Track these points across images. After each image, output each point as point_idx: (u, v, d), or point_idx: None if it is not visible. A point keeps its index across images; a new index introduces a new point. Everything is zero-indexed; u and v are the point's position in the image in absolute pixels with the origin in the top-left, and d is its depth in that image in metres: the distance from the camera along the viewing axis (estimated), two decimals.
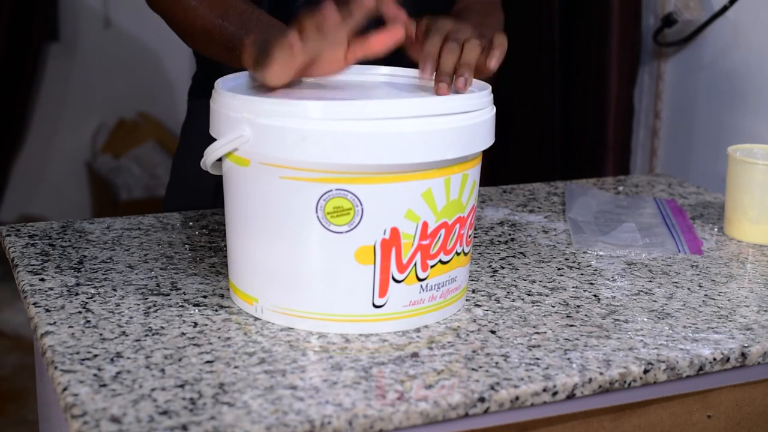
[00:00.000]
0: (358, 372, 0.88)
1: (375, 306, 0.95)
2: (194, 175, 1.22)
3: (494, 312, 1.02)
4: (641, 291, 1.10)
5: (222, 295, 1.04)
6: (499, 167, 2.30)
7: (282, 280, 0.95)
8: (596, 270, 1.16)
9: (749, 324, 1.02)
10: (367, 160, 0.89)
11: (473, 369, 0.89)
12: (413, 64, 1.07)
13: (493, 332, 0.97)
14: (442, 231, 0.95)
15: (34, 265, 1.10)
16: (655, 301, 1.07)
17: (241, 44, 1.05)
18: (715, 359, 0.95)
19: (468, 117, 0.94)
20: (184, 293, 1.04)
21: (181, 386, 0.84)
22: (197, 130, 1.42)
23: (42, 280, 1.06)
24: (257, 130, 0.91)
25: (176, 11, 1.17)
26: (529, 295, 1.08)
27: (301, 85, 1.03)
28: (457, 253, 0.98)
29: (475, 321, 1.00)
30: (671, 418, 0.98)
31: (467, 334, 0.97)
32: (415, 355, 0.92)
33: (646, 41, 2.10)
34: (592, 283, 1.12)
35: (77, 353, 0.89)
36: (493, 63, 1.04)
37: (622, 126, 2.10)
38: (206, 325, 0.96)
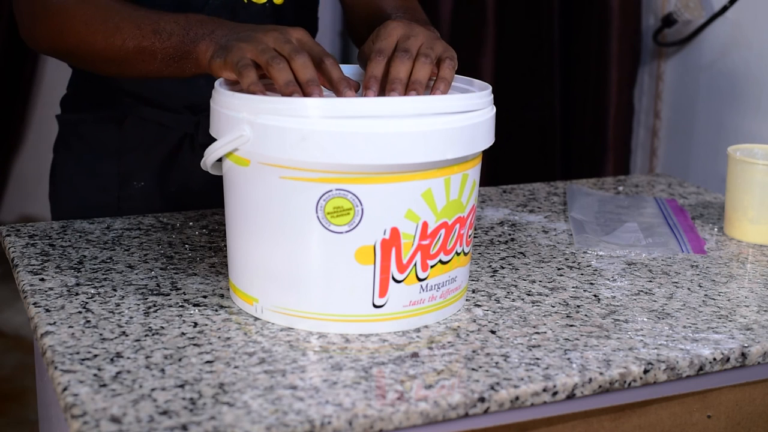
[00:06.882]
0: (358, 372, 0.88)
1: (375, 306, 0.94)
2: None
3: (494, 312, 1.02)
4: (641, 291, 1.10)
5: (222, 295, 1.04)
6: (499, 167, 2.30)
7: (282, 280, 0.95)
8: (596, 270, 1.16)
9: (749, 324, 1.02)
10: (367, 160, 0.89)
11: (473, 369, 0.89)
12: None
13: (493, 332, 0.97)
14: (442, 231, 0.95)
15: (34, 265, 1.10)
16: (655, 301, 1.07)
17: (195, 49, 1.01)
18: (715, 359, 0.95)
19: (468, 117, 0.94)
20: (184, 293, 1.04)
21: (181, 386, 0.84)
22: (70, 149, 1.37)
23: (42, 280, 1.06)
24: (257, 130, 0.91)
25: (94, 41, 1.08)
26: (529, 295, 1.08)
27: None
28: (457, 253, 0.98)
29: (475, 321, 1.00)
30: (671, 418, 0.98)
31: (467, 334, 0.97)
32: (415, 355, 0.92)
33: (646, 41, 2.10)
34: (592, 283, 1.12)
35: (77, 353, 0.89)
36: (448, 74, 0.99)
37: (622, 126, 2.10)
38: (206, 325, 0.96)
